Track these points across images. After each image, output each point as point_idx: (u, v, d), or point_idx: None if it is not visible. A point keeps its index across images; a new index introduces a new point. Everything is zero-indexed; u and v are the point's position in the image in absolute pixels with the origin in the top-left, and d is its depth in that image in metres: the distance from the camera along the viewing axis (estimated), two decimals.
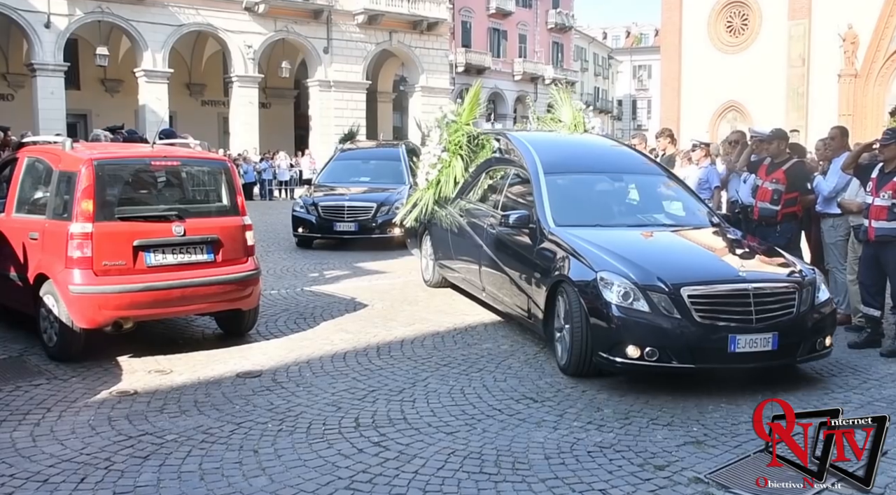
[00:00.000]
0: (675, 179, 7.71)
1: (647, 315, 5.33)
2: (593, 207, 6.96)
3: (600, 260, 5.73)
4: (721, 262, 5.96)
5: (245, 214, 6.89)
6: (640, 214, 7.05)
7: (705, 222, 6.97)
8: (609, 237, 6.22)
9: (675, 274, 5.51)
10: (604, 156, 8.18)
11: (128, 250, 6.10)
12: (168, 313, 6.67)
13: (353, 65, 34.48)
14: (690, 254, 6.29)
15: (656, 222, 6.92)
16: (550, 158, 7.33)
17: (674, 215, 7.12)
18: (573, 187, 7.17)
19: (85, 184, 6.03)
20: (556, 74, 51.64)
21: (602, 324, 5.45)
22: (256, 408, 5.12)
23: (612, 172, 7.55)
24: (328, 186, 14.22)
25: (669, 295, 5.32)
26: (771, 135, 8.29)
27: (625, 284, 5.41)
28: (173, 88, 31.26)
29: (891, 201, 6.55)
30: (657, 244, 6.45)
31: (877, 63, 30.93)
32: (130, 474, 4.10)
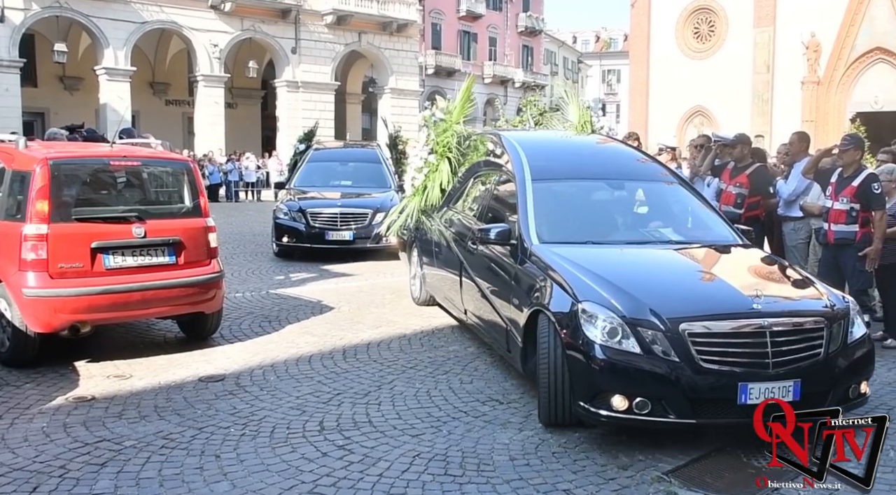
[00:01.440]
0: (689, 188, 6.50)
1: (638, 357, 4.34)
2: (587, 220, 5.95)
3: (584, 287, 4.71)
4: (732, 291, 4.78)
5: (208, 216, 6.77)
6: (643, 229, 5.92)
7: (723, 239, 5.84)
8: (601, 257, 5.28)
9: (673, 305, 4.53)
10: (606, 160, 6.91)
11: (85, 252, 5.95)
12: (128, 317, 6.52)
13: (322, 65, 34.29)
14: (696, 279, 5.23)
15: (662, 238, 5.75)
16: (541, 162, 6.30)
17: (685, 230, 6.00)
18: (565, 196, 6.12)
19: (40, 185, 5.88)
20: (526, 78, 51.94)
21: (583, 367, 4.46)
22: (219, 413, 5.02)
23: (614, 179, 6.42)
24: (307, 191, 12.86)
25: (666, 332, 4.33)
26: (735, 139, 8.49)
27: (611, 318, 4.42)
28: (136, 87, 30.80)
29: (849, 205, 6.71)
30: (658, 267, 5.34)
31: (838, 71, 31.61)
32: (86, 482, 3.99)
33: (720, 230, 5.93)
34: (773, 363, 4.35)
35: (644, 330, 4.37)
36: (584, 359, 4.45)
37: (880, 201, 6.65)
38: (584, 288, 4.72)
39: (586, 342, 4.44)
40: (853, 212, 6.70)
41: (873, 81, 31.19)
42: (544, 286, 5.00)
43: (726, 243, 5.77)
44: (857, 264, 6.73)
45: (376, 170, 13.45)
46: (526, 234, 5.55)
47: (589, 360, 4.42)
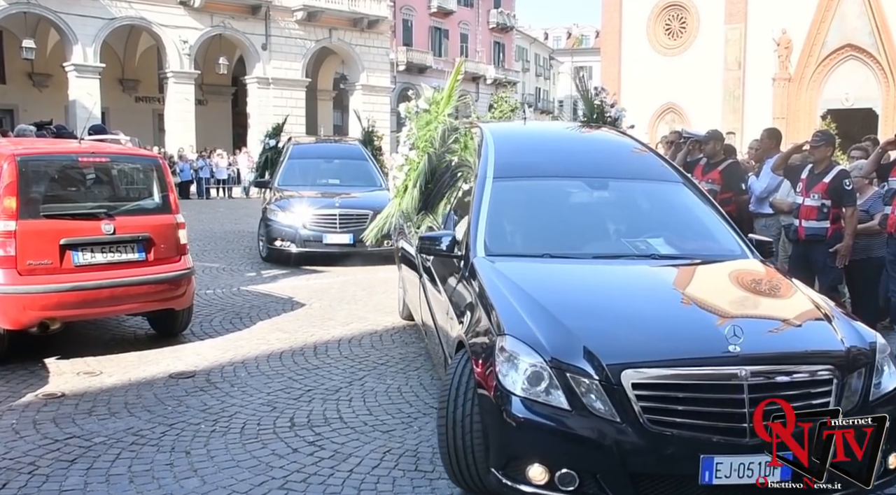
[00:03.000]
0: (695, 188, 5.27)
1: (565, 414, 3.22)
2: (553, 228, 4.85)
3: (512, 316, 3.63)
4: (703, 326, 3.65)
5: (178, 212, 6.76)
6: (625, 239, 4.74)
7: (727, 252, 4.67)
8: (551, 276, 4.26)
9: (617, 345, 3.42)
10: (595, 155, 5.75)
11: (54, 249, 5.92)
12: (97, 313, 6.50)
13: (293, 62, 34.14)
14: (661, 309, 3.91)
15: (647, 251, 4.57)
16: (512, 157, 5.33)
17: (680, 240, 4.83)
18: (531, 197, 5.03)
19: (7, 181, 5.84)
20: (498, 74, 52.10)
21: (495, 423, 3.36)
22: (189, 409, 5.03)
23: (600, 176, 5.24)
24: (295, 190, 11.97)
25: (602, 381, 3.22)
26: (707, 136, 8.51)
27: (535, 361, 3.32)
28: (105, 84, 30.47)
29: (820, 201, 6.70)
30: (619, 290, 4.17)
31: (809, 67, 31.98)
32: (56, 478, 3.98)
33: (726, 241, 4.72)
34: (751, 429, 3.13)
35: (576, 377, 3.24)
36: (496, 411, 3.34)
37: (851, 197, 6.68)
38: (512, 317, 3.62)
39: (501, 389, 3.32)
40: (824, 208, 6.70)
41: (844, 78, 31.57)
42: (472, 310, 4.02)
43: (730, 257, 4.56)
44: (827, 260, 6.75)
45: (363, 168, 12.90)
46: (472, 244, 4.47)
47: (502, 414, 3.30)
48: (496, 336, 3.54)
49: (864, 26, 30.86)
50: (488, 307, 3.82)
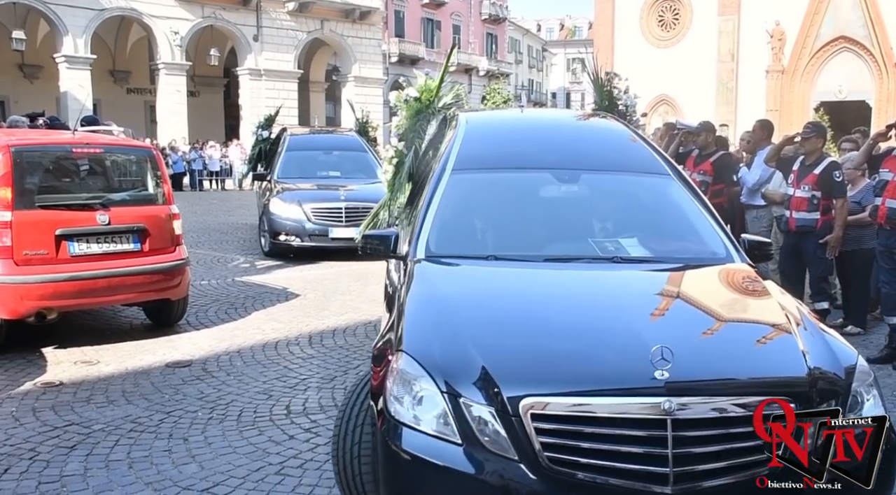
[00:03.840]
0: (685, 184, 4.54)
1: (457, 450, 2.69)
2: (512, 226, 4.31)
3: (418, 329, 3.14)
4: (629, 346, 2.91)
5: (172, 203, 6.81)
6: (594, 238, 4.16)
7: (710, 255, 4.03)
8: (488, 283, 3.71)
9: (521, 368, 2.84)
10: (577, 145, 5.00)
11: (50, 239, 5.97)
12: (93, 303, 6.55)
13: (284, 53, 34.04)
14: (588, 324, 3.28)
15: (615, 253, 3.93)
16: (480, 146, 4.75)
17: (658, 241, 4.27)
18: (491, 192, 4.46)
19: (2, 172, 5.89)
20: (490, 66, 52.08)
21: (383, 456, 2.87)
22: (186, 398, 5.09)
23: (576, 169, 4.58)
24: (296, 182, 11.73)
25: (500, 411, 2.68)
26: (699, 127, 8.52)
27: (428, 385, 2.80)
28: (96, 75, 30.33)
29: (811, 192, 6.74)
30: (553, 301, 3.51)
31: (803, 59, 31.99)
32: (56, 464, 4.05)
33: (711, 242, 4.10)
34: (674, 475, 2.58)
35: (470, 405, 2.71)
36: (382, 443, 2.86)
37: (841, 189, 6.71)
38: (417, 331, 3.11)
39: (388, 416, 2.83)
40: (814, 199, 6.74)
41: (837, 70, 31.57)
42: (390, 319, 3.56)
43: (710, 261, 3.96)
44: (817, 251, 6.79)
45: (363, 159, 12.61)
46: (414, 243, 3.98)
47: (389, 446, 2.80)
48: (394, 352, 3.01)
49: (857, 18, 30.90)
50: (400, 317, 3.29)
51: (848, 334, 7.03)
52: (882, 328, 6.84)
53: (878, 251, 6.65)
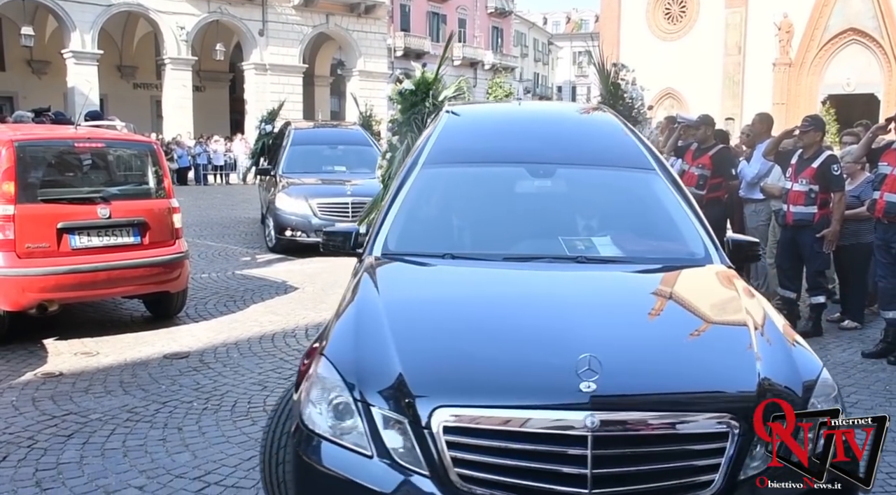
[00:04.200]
0: (671, 180, 4.24)
1: (366, 462, 2.50)
2: (476, 223, 4.13)
3: (343, 332, 2.97)
4: (554, 355, 2.67)
5: (172, 197, 6.90)
6: (565, 236, 3.86)
7: (688, 256, 3.76)
8: (435, 283, 3.56)
9: (438, 376, 2.65)
10: (560, 139, 4.67)
11: (51, 232, 6.07)
12: (94, 296, 6.65)
13: (290, 48, 34.11)
14: (521, 330, 2.96)
15: (583, 252, 3.69)
16: (456, 140, 4.53)
17: (633, 240, 4.03)
18: (461, 187, 4.28)
19: (6, 166, 5.98)
20: (496, 60, 52.04)
21: (296, 467, 2.74)
22: (182, 388, 5.18)
23: (554, 164, 4.30)
24: (301, 177, 11.62)
25: (412, 422, 2.48)
26: (698, 120, 8.50)
27: (342, 392, 2.62)
28: (104, 70, 30.49)
29: (808, 186, 6.71)
30: (497, 303, 3.27)
31: (811, 52, 31.67)
32: (53, 452, 4.14)
33: (691, 242, 3.83)
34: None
35: (384, 414, 2.52)
36: (293, 452, 2.74)
37: (839, 183, 6.68)
38: (343, 334, 2.95)
39: (301, 424, 2.69)
40: (812, 193, 6.71)
41: (846, 63, 31.17)
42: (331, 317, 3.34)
43: (685, 262, 3.70)
44: (814, 245, 6.76)
45: (369, 154, 12.23)
46: (371, 240, 3.84)
47: (302, 457, 2.65)
48: (318, 355, 2.84)
49: (867, 10, 30.52)
50: (336, 317, 3.17)
51: (845, 329, 7.08)
52: (879, 322, 6.84)
53: (875, 245, 6.63)
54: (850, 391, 5.42)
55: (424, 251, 3.71)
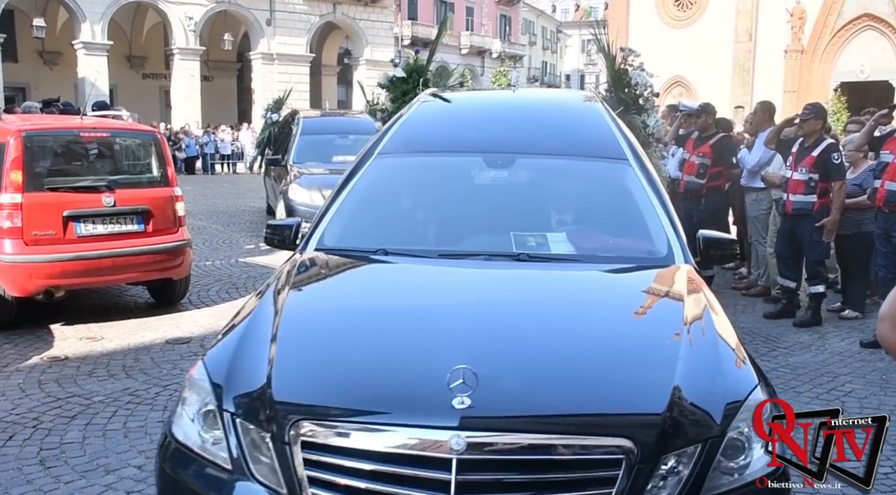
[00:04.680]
0: (645, 172, 3.83)
1: (224, 478, 2.31)
2: (422, 216, 3.92)
3: (232, 335, 2.75)
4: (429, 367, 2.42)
5: (175, 185, 7.00)
6: (518, 232, 3.53)
7: (647, 254, 3.43)
8: (355, 282, 3.33)
9: (304, 387, 2.42)
10: (531, 126, 4.33)
11: (58, 220, 6.19)
12: (99, 282, 6.77)
13: (297, 37, 34.15)
14: (416, 339, 2.67)
15: (537, 250, 3.40)
16: (419, 127, 4.31)
17: (590, 238, 3.68)
18: (411, 178, 4.01)
19: (14, 155, 6.09)
20: (504, 48, 51.90)
21: (157, 477, 2.58)
22: (183, 372, 5.24)
23: (519, 153, 4.00)
24: (312, 168, 11.31)
25: (272, 435, 2.26)
26: (699, 109, 8.45)
27: (209, 399, 2.43)
28: (113, 61, 30.64)
29: (808, 175, 6.69)
30: (404, 307, 2.99)
31: (823, 39, 31.08)
32: (57, 432, 4.27)
33: (655, 239, 3.48)
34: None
35: (245, 425, 2.31)
36: (159, 466, 2.52)
37: (839, 171, 6.63)
38: (231, 337, 2.73)
39: (169, 435, 2.49)
40: (811, 182, 6.67)
41: (860, 49, 30.44)
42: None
43: (644, 262, 3.38)
44: (814, 235, 6.74)
45: None
46: (309, 234, 3.62)
47: (165, 471, 2.47)
48: (199, 359, 2.65)
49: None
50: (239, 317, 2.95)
51: (845, 318, 7.08)
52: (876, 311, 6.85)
53: (875, 234, 6.64)
54: (846, 380, 5.47)
55: (359, 246, 3.46)
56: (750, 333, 6.61)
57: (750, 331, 6.68)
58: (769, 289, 7.84)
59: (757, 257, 8.18)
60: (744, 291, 8.25)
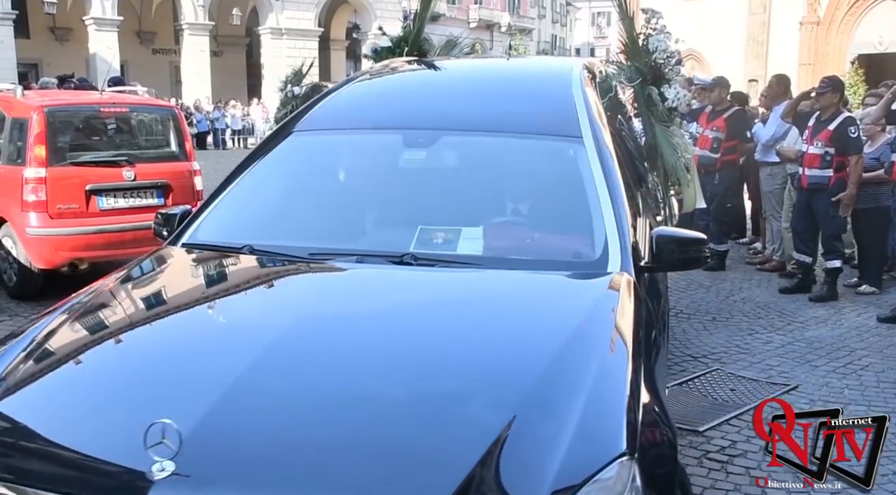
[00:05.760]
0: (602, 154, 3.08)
1: None
2: (309, 205, 3.28)
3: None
4: (133, 424, 1.70)
5: (193, 160, 7.10)
6: (426, 226, 2.88)
7: (572, 259, 2.80)
8: (183, 293, 2.74)
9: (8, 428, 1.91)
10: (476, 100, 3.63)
11: (81, 194, 6.29)
12: (121, 254, 6.78)
13: (305, 11, 34.00)
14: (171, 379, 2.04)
15: (441, 248, 2.80)
16: (348, 101, 3.72)
17: (509, 235, 2.98)
18: (316, 160, 3.46)
19: (37, 131, 6.18)
20: (513, 21, 51.50)
21: None
22: None
23: (439, 130, 3.32)
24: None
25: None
26: (712, 83, 8.43)
27: None
28: (124, 37, 30.58)
29: (824, 149, 6.63)
30: (201, 330, 2.45)
31: (840, 10, 30.36)
32: None
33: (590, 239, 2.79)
34: None
35: None
36: None
37: (856, 145, 6.56)
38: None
39: None
40: (827, 156, 6.62)
41: (879, 20, 29.52)
42: None
43: (564, 267, 2.73)
44: (829, 209, 6.72)
45: None
46: (185, 225, 3.09)
47: None
48: None
49: None
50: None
51: (862, 293, 7.06)
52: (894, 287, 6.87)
53: (892, 209, 6.61)
54: (863, 354, 5.48)
55: (229, 241, 2.91)
56: (765, 308, 6.65)
57: (765, 305, 6.72)
58: (784, 264, 7.85)
59: (772, 232, 8.19)
60: (759, 266, 8.27)
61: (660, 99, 4.92)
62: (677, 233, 2.97)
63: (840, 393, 4.71)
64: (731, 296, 7.09)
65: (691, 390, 4.76)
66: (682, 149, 4.90)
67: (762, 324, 6.20)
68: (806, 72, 27.82)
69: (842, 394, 4.69)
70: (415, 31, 5.23)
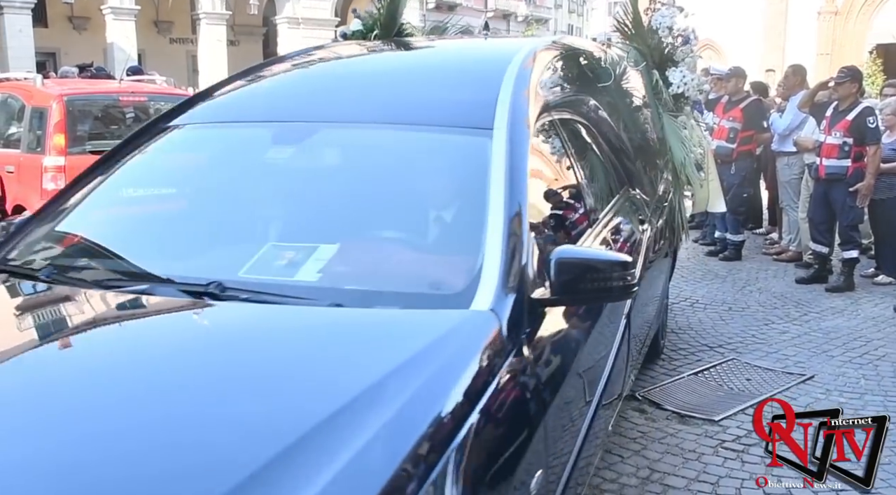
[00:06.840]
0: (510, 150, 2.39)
1: None
2: (141, 216, 2.82)
3: None
4: None
5: None
6: (278, 242, 2.41)
7: (430, 291, 2.12)
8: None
9: None
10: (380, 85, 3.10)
11: None
12: None
13: (322, 1, 34.01)
14: None
15: (282, 273, 2.22)
16: (242, 88, 3.24)
17: (355, 260, 2.34)
18: (173, 161, 3.04)
19: (56, 119, 6.25)
20: (529, 11, 51.28)
21: None
22: None
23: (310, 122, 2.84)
24: None
25: None
26: (729, 73, 8.41)
27: None
28: (141, 26, 30.72)
29: (842, 139, 6.62)
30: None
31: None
32: None
33: (456, 266, 2.23)
34: None
35: None
36: None
37: (875, 135, 6.54)
38: None
39: None
40: (846, 146, 6.60)
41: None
42: None
43: (413, 302, 2.05)
44: (847, 200, 6.70)
45: None
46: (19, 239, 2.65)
47: None
48: None
49: None
50: None
51: (879, 284, 7.06)
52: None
53: None
54: (879, 344, 5.47)
55: (34, 264, 2.45)
56: (782, 298, 6.64)
57: (782, 295, 6.71)
58: (801, 255, 7.84)
59: (788, 222, 8.17)
60: (775, 256, 8.25)
61: (664, 84, 4.36)
62: (588, 254, 2.33)
63: (856, 384, 4.71)
64: (747, 286, 7.08)
65: (707, 380, 4.78)
66: (693, 144, 4.41)
67: (778, 314, 6.20)
68: (824, 62, 27.66)
69: (858, 384, 4.69)
70: (385, 14, 4.55)
